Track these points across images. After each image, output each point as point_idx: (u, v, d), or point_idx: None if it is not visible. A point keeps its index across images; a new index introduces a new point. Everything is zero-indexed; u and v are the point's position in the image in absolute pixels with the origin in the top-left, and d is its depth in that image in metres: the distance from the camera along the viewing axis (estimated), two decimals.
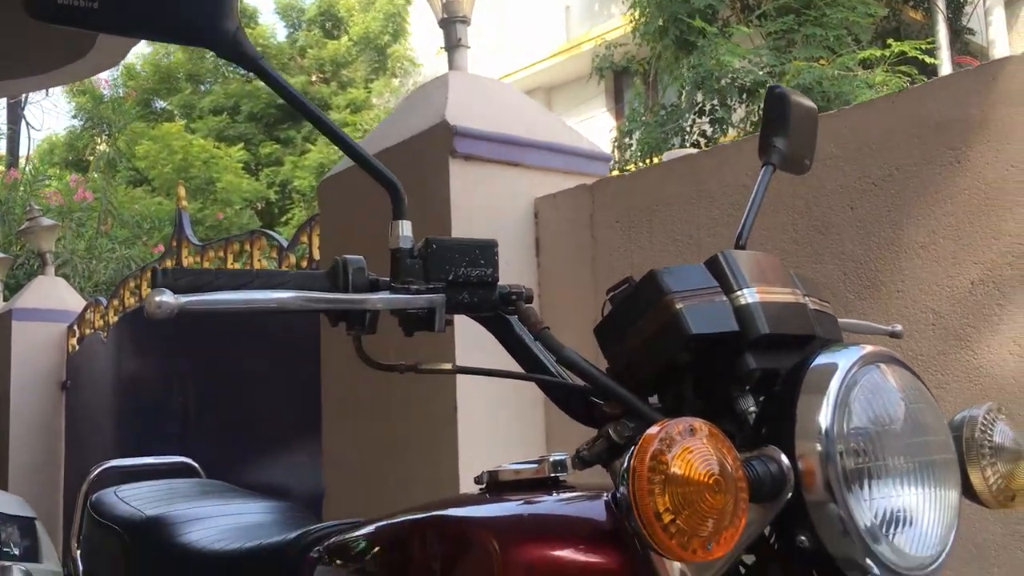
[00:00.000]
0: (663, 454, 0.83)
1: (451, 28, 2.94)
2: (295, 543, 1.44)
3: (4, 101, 12.79)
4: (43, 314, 6.42)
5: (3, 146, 14.22)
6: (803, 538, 0.91)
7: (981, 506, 1.06)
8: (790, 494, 0.90)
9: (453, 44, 2.94)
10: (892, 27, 10.83)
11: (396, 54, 17.81)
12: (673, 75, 9.85)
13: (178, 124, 15.76)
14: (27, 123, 12.06)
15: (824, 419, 0.91)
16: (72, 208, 9.73)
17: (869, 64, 8.81)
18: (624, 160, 10.12)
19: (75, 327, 6.34)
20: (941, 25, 10.58)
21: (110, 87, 15.46)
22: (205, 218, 13.33)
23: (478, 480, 1.20)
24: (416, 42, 17.79)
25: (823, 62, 8.63)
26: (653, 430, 0.84)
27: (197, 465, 2.39)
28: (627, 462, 0.83)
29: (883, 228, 2.06)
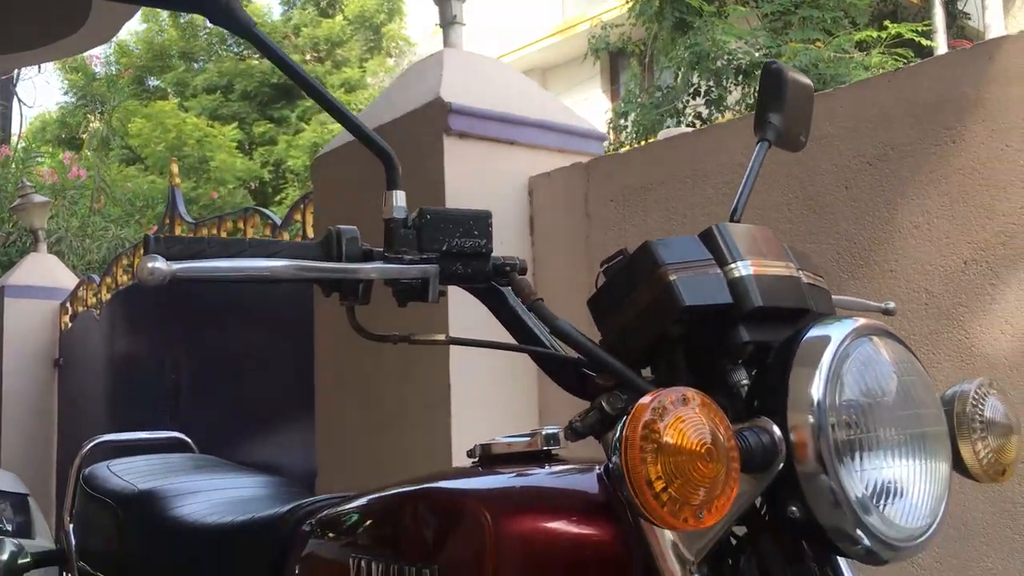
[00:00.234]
0: (655, 423, 0.83)
1: (446, 5, 2.92)
2: (288, 516, 1.44)
3: None
4: (36, 291, 6.41)
5: None
6: (794, 509, 0.91)
7: (972, 481, 1.06)
8: (781, 465, 0.91)
9: (448, 21, 2.92)
10: (889, 9, 10.81)
11: (391, 34, 17.71)
12: (669, 56, 9.82)
13: (171, 102, 15.65)
14: (19, 100, 11.97)
15: (816, 391, 0.91)
16: (66, 186, 9.67)
17: (865, 46, 8.79)
18: (619, 142, 10.11)
19: (68, 304, 6.33)
20: (938, 8, 10.56)
21: (103, 64, 15.37)
22: (199, 197, 13.27)
23: (471, 453, 1.20)
24: (411, 21, 17.70)
25: (819, 44, 8.61)
26: (646, 399, 0.84)
27: (190, 440, 2.38)
28: (619, 431, 0.83)
29: (877, 207, 2.06)
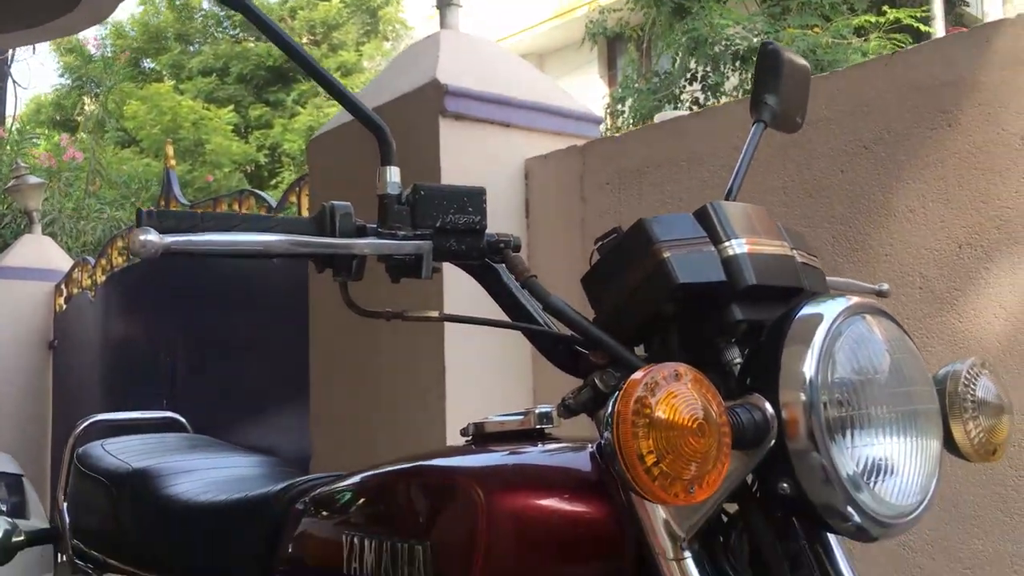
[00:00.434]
0: (647, 398, 0.83)
1: None
2: (281, 495, 1.44)
3: None
4: (30, 273, 6.39)
5: None
6: (785, 486, 0.92)
7: (963, 462, 1.07)
8: (773, 442, 0.91)
9: (445, 2, 2.91)
10: None
11: (388, 17, 17.62)
12: (667, 42, 9.77)
13: (167, 85, 15.58)
14: (14, 81, 11.91)
15: (808, 369, 0.91)
16: (61, 168, 9.63)
17: (863, 32, 8.76)
18: (617, 127, 10.08)
19: (62, 286, 6.31)
20: None
21: (98, 46, 15.29)
22: (194, 180, 13.22)
23: (464, 432, 1.20)
24: (408, 5, 17.61)
25: (817, 30, 8.58)
26: (638, 375, 0.84)
27: (184, 420, 2.38)
28: (611, 407, 0.84)
29: (873, 191, 2.06)
